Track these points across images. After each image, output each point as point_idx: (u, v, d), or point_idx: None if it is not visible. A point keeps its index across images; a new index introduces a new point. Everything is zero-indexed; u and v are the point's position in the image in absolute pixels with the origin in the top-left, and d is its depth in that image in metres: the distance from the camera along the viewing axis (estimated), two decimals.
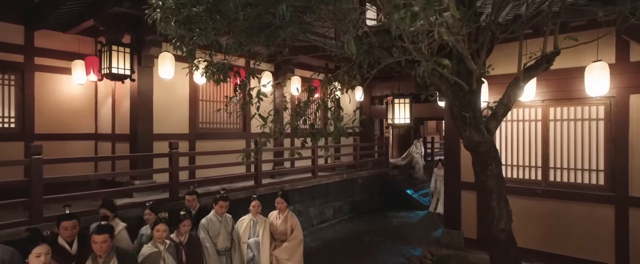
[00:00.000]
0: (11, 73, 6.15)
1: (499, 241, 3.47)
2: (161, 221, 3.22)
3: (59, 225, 2.94)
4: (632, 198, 4.70)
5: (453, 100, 3.60)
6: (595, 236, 4.95)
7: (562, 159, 5.28)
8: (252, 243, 3.91)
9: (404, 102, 7.38)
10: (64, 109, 6.62)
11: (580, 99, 5.09)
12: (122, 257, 2.84)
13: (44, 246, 2.41)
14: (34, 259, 2.37)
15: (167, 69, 5.87)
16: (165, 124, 6.44)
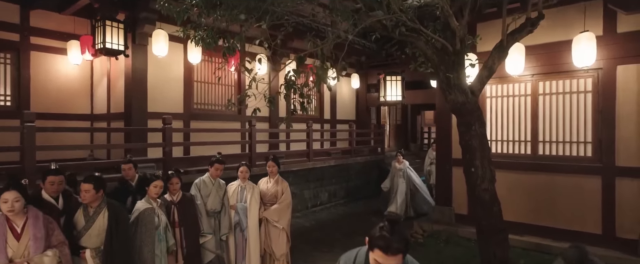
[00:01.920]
0: (7, 52, 6.21)
1: (483, 200, 3.53)
2: (158, 178, 3.28)
3: (45, 180, 2.94)
4: (619, 167, 4.75)
5: (438, 64, 3.66)
6: (583, 207, 5.00)
7: (551, 133, 5.33)
8: (240, 207, 3.98)
9: (396, 79, 7.44)
10: (60, 89, 6.68)
11: (569, 72, 5.14)
12: (113, 209, 2.89)
13: (13, 193, 2.36)
14: (2, 205, 2.33)
15: (161, 46, 5.93)
16: (159, 103, 6.49)
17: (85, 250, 2.75)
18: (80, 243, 2.77)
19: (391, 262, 1.42)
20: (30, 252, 2.39)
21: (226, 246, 3.94)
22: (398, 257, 1.42)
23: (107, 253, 2.77)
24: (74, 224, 2.80)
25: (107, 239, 2.79)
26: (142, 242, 3.06)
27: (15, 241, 2.37)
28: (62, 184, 2.96)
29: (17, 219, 2.41)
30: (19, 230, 2.40)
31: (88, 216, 2.81)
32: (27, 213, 2.46)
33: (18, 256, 2.37)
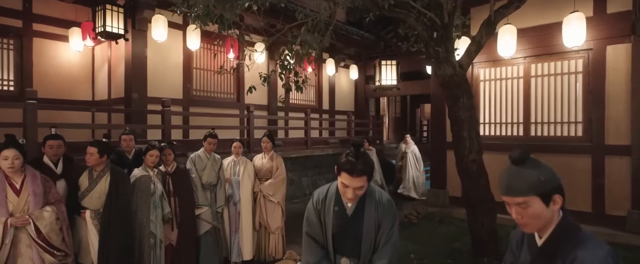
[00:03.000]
0: (10, 38, 6.33)
1: (470, 171, 3.62)
2: (154, 148, 3.39)
3: (45, 144, 3.05)
4: (608, 146, 4.84)
5: (428, 40, 3.76)
6: (573, 185, 5.07)
7: (543, 114, 5.42)
8: (233, 181, 4.09)
9: (391, 64, 7.53)
10: (61, 75, 6.80)
11: (560, 54, 5.22)
12: (115, 174, 3.01)
13: (13, 151, 2.43)
14: (2, 162, 2.43)
15: (160, 31, 6.04)
16: (159, 88, 6.60)
17: (86, 211, 2.86)
18: (82, 203, 2.89)
19: (356, 183, 1.53)
20: (30, 207, 2.51)
21: (221, 219, 4.05)
22: (362, 179, 1.52)
23: (105, 215, 2.88)
24: (78, 186, 2.92)
25: (107, 202, 2.90)
26: (137, 206, 3.17)
27: (16, 196, 2.49)
28: (61, 147, 3.07)
29: (16, 176, 2.53)
30: (18, 186, 2.51)
31: (92, 179, 2.93)
32: (25, 171, 2.57)
33: (18, 210, 2.48)
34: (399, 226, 1.67)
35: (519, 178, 1.15)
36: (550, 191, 1.14)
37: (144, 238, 3.19)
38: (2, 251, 2.36)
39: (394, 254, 1.60)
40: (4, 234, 2.36)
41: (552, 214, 1.15)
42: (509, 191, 1.17)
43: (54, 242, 2.57)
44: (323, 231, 1.66)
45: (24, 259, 2.47)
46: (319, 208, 1.68)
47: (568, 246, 1.11)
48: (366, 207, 1.62)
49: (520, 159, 1.17)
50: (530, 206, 1.13)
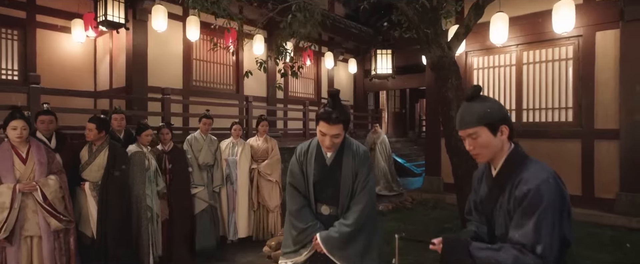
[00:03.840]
0: (14, 28, 6.49)
1: (458, 150, 3.73)
2: (149, 127, 3.53)
3: (37, 119, 3.17)
4: (597, 130, 4.94)
5: (419, 23, 3.87)
6: (564, 170, 5.14)
7: (535, 100, 5.52)
8: (230, 161, 4.24)
9: (386, 53, 7.65)
10: (64, 66, 6.95)
11: (552, 41, 5.33)
12: (113, 149, 3.15)
13: (21, 121, 2.58)
14: (10, 132, 2.59)
15: (160, 21, 6.17)
16: (159, 78, 6.74)
17: (85, 182, 3.00)
18: (82, 175, 3.03)
19: (333, 131, 1.65)
20: (36, 175, 2.65)
21: (218, 198, 4.18)
22: (338, 127, 1.65)
23: (103, 187, 3.02)
24: (79, 159, 3.06)
25: (105, 175, 3.04)
26: (133, 180, 3.30)
27: (22, 164, 2.63)
28: (52, 123, 3.19)
29: (22, 146, 2.67)
30: (24, 155, 2.65)
31: (91, 153, 3.07)
32: (29, 142, 2.71)
33: (25, 178, 2.63)
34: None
35: (469, 112, 1.27)
36: (497, 122, 1.25)
37: (141, 211, 3.33)
38: (11, 215, 2.50)
39: (369, 200, 1.73)
40: (13, 199, 2.50)
41: (502, 144, 1.27)
42: (461, 125, 1.29)
43: (58, 208, 2.71)
44: (305, 181, 1.79)
45: (30, 223, 2.61)
46: (301, 159, 1.81)
47: (516, 171, 1.23)
48: (344, 157, 1.75)
49: (471, 95, 1.29)
50: (480, 136, 1.25)
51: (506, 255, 1.13)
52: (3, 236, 2.48)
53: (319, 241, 1.69)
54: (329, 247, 1.68)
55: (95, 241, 2.99)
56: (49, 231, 2.69)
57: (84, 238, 3.00)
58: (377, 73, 7.76)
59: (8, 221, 2.48)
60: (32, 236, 2.64)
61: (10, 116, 2.61)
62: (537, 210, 1.12)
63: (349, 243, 1.68)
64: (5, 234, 2.48)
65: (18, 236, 2.58)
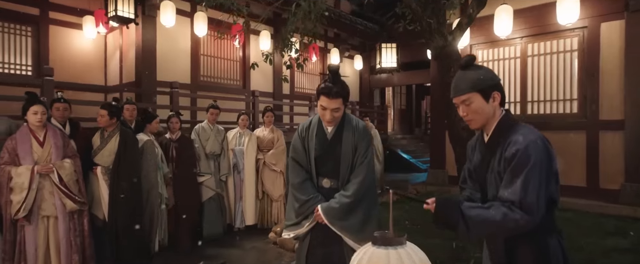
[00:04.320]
0: (28, 25, 6.67)
1: (461, 137, 3.78)
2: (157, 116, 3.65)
3: (52, 106, 3.29)
4: (602, 121, 4.94)
5: (422, 14, 3.92)
6: (568, 161, 5.19)
7: (539, 93, 5.53)
8: (237, 150, 4.33)
9: (391, 47, 7.70)
10: (75, 62, 7.12)
11: (556, 33, 5.33)
12: (124, 135, 3.27)
13: (40, 106, 2.75)
14: (31, 116, 2.72)
15: (169, 17, 6.31)
16: (168, 73, 6.88)
17: (97, 167, 3.12)
18: (94, 160, 3.15)
19: (333, 105, 1.73)
20: (52, 158, 2.77)
21: (225, 186, 4.28)
22: (338, 101, 1.73)
23: (115, 171, 3.14)
24: (91, 144, 3.18)
25: (116, 160, 3.16)
26: (148, 168, 3.42)
27: (40, 147, 2.75)
28: (66, 110, 3.31)
29: (39, 130, 2.79)
30: (41, 139, 2.78)
31: (103, 139, 3.19)
32: (46, 127, 2.84)
33: (42, 160, 2.75)
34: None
35: (462, 80, 1.33)
36: (489, 88, 1.31)
37: (154, 198, 3.44)
38: (29, 195, 2.62)
39: (368, 172, 1.80)
40: (31, 180, 2.63)
41: (493, 110, 1.33)
42: (455, 92, 1.35)
43: (72, 190, 2.82)
44: (307, 156, 1.87)
45: (47, 204, 2.73)
46: (303, 135, 1.89)
47: (506, 135, 1.29)
48: (344, 132, 1.83)
49: (465, 64, 1.35)
50: (473, 102, 1.31)
51: (495, 212, 1.19)
52: (22, 214, 2.60)
53: (320, 212, 1.77)
54: (330, 217, 1.76)
55: (107, 223, 3.11)
56: (64, 211, 2.81)
57: (96, 220, 3.12)
58: (382, 67, 7.80)
59: (27, 200, 2.60)
60: (48, 216, 2.76)
61: (30, 101, 2.74)
62: (525, 169, 1.18)
63: (349, 213, 1.75)
64: (25, 213, 2.60)
65: (36, 216, 2.70)
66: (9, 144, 2.66)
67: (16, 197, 2.58)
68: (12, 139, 2.70)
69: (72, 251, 2.87)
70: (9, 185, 2.58)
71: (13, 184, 2.58)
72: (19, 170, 2.62)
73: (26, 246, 2.66)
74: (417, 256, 1.06)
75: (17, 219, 2.61)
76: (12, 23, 6.43)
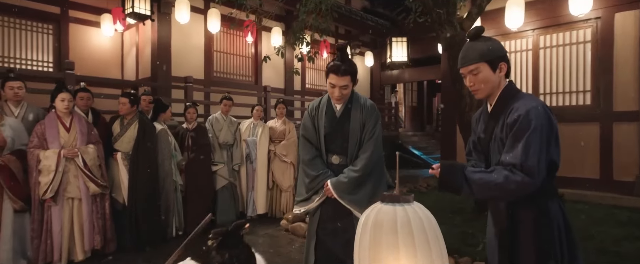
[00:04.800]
0: (49, 23, 6.93)
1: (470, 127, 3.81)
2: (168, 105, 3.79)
3: (76, 95, 3.45)
4: (616, 112, 4.88)
5: (432, 6, 3.97)
6: (581, 153, 5.15)
7: (552, 84, 5.49)
8: (250, 141, 4.44)
9: (401, 40, 7.72)
10: (94, 59, 7.36)
11: (569, 24, 5.29)
12: (142, 122, 3.42)
13: (67, 94, 2.96)
14: (59, 103, 2.93)
15: (183, 13, 6.48)
16: (182, 68, 7.05)
17: (118, 153, 3.27)
18: (114, 146, 3.29)
19: (341, 82, 1.81)
20: (77, 143, 2.93)
21: (238, 176, 4.39)
22: (346, 78, 1.80)
23: (134, 157, 3.28)
24: (111, 131, 3.34)
25: (135, 146, 3.30)
26: (162, 156, 3.55)
27: (66, 133, 2.91)
28: (90, 100, 3.47)
29: (66, 117, 2.95)
30: (67, 125, 2.93)
31: (123, 126, 3.34)
32: (72, 114, 2.99)
33: (68, 145, 2.91)
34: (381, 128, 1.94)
35: (472, 50, 1.38)
36: (497, 59, 1.36)
37: (169, 185, 3.58)
38: (56, 177, 2.77)
39: (376, 148, 1.87)
40: (57, 163, 2.79)
41: (499, 80, 1.38)
42: (463, 62, 1.40)
43: (95, 174, 2.97)
44: (316, 134, 1.95)
45: (72, 186, 2.88)
46: (313, 114, 1.97)
47: (509, 103, 1.34)
48: (352, 110, 1.90)
49: (474, 34, 1.40)
50: (481, 71, 1.36)
51: (497, 175, 1.25)
52: (49, 195, 2.75)
53: (329, 187, 1.85)
54: (339, 191, 1.83)
55: (126, 207, 3.25)
56: (88, 194, 2.96)
57: (116, 203, 3.27)
58: (393, 61, 7.83)
59: (54, 182, 2.76)
60: (73, 198, 2.92)
61: (59, 89, 2.91)
62: (526, 133, 1.23)
63: (358, 187, 1.83)
64: (51, 194, 2.76)
65: (62, 197, 2.85)
66: (38, 129, 2.82)
67: (44, 178, 2.73)
68: (41, 124, 2.86)
69: (94, 232, 3.03)
70: (37, 167, 2.74)
71: (41, 167, 2.74)
72: (46, 153, 2.78)
73: (52, 225, 2.81)
74: (423, 213, 1.13)
75: (44, 200, 2.77)
76: (34, 21, 6.69)
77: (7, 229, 2.65)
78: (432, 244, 1.07)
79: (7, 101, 2.94)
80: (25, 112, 2.99)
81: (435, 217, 1.56)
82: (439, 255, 1.08)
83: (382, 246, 1.08)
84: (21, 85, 2.95)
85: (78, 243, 2.95)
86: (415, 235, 1.06)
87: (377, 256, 1.08)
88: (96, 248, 3.05)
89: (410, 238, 1.06)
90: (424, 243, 1.06)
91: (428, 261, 1.05)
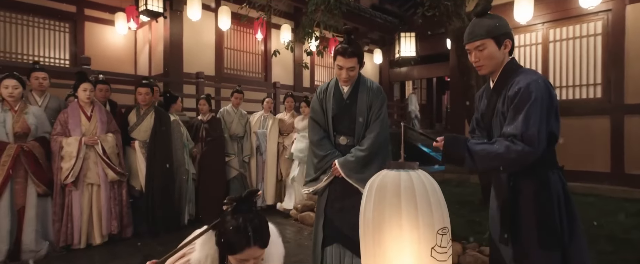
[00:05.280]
0: (65, 21, 7.14)
1: None
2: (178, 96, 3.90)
3: (95, 87, 3.58)
4: (627, 105, 4.85)
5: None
6: (592, 147, 5.12)
7: (562, 78, 5.47)
8: (260, 133, 4.54)
9: (410, 36, 7.75)
10: (108, 56, 7.56)
11: (579, 17, 5.26)
12: (158, 112, 3.55)
13: (89, 84, 3.12)
14: (81, 93, 3.08)
15: (195, 11, 6.61)
16: (193, 65, 7.19)
17: (135, 141, 3.39)
18: (131, 135, 3.42)
19: (348, 64, 1.88)
20: (98, 131, 3.07)
21: (248, 167, 4.49)
22: (353, 60, 1.88)
23: (151, 145, 3.40)
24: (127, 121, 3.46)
25: (152, 135, 3.43)
26: (175, 146, 3.67)
27: (87, 121, 3.05)
28: (108, 91, 3.63)
29: (87, 106, 3.09)
30: (89, 114, 3.07)
31: (139, 115, 3.47)
32: (93, 103, 3.12)
33: (88, 133, 3.05)
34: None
35: (478, 26, 1.43)
36: (502, 36, 1.41)
37: (182, 174, 3.69)
38: (77, 163, 2.91)
39: (382, 128, 1.94)
40: (79, 149, 2.92)
41: (503, 57, 1.43)
42: (470, 38, 1.45)
43: (113, 162, 3.09)
44: (325, 115, 2.03)
45: (92, 172, 3.01)
46: (322, 97, 2.05)
47: (510, 78, 1.39)
48: (359, 92, 1.97)
49: (482, 12, 1.45)
50: (486, 47, 1.41)
51: (499, 146, 1.30)
52: (70, 180, 2.88)
53: (337, 166, 1.92)
54: (346, 170, 1.90)
55: (144, 193, 3.37)
56: (106, 180, 3.09)
57: (134, 190, 3.39)
58: (402, 56, 7.87)
59: (74, 167, 2.89)
60: (92, 183, 3.04)
61: (81, 79, 3.05)
62: (526, 105, 1.28)
63: (365, 166, 1.89)
64: (72, 178, 2.89)
65: (82, 183, 2.98)
66: (61, 117, 2.97)
67: (66, 164, 2.87)
68: (64, 112, 3.00)
69: (111, 217, 3.15)
70: (60, 153, 2.88)
71: (63, 153, 2.88)
72: (68, 140, 2.92)
73: (73, 209, 2.94)
74: (427, 179, 1.19)
75: (66, 185, 2.90)
76: (51, 20, 6.90)
77: (31, 212, 2.78)
78: (434, 207, 1.13)
79: (31, 91, 3.08)
80: (48, 102, 3.14)
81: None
82: (441, 219, 1.14)
83: (385, 209, 1.15)
84: (46, 76, 3.10)
85: (96, 228, 3.07)
86: (417, 199, 1.13)
87: (380, 217, 1.15)
88: (113, 232, 3.17)
89: (412, 201, 1.13)
90: (426, 206, 1.13)
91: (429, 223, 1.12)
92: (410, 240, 1.09)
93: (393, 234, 1.11)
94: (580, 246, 1.31)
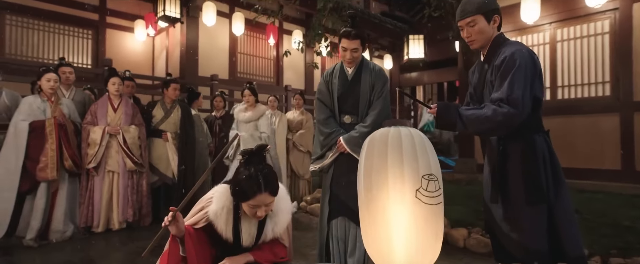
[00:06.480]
0: (88, 29, 7.54)
1: None
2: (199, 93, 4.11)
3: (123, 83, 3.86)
4: (637, 102, 4.85)
5: None
6: (601, 145, 5.11)
7: (570, 77, 5.50)
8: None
9: (418, 38, 7.87)
10: (128, 61, 7.90)
11: (586, 16, 5.31)
12: (183, 107, 3.78)
13: (118, 78, 3.38)
14: (110, 86, 3.34)
15: (210, 16, 6.92)
16: (208, 69, 7.47)
17: (167, 132, 3.62)
18: (161, 127, 3.67)
19: (352, 45, 2.03)
20: (122, 123, 3.29)
21: None
22: (356, 42, 2.02)
23: (182, 135, 3.67)
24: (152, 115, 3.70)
25: (181, 126, 3.67)
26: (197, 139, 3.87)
27: (113, 112, 3.28)
28: (133, 88, 3.88)
29: (115, 99, 3.34)
30: (115, 106, 3.30)
31: (166, 109, 3.72)
32: (121, 97, 3.36)
33: (113, 123, 3.28)
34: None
35: (469, 3, 1.56)
36: (491, 12, 1.53)
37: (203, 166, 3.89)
38: (99, 150, 3.12)
39: (384, 106, 2.07)
40: (102, 137, 3.15)
41: (493, 32, 1.56)
42: (462, 15, 1.58)
43: (134, 152, 3.30)
44: (330, 96, 2.17)
45: (113, 160, 3.22)
46: (328, 79, 2.19)
47: (498, 49, 1.51)
48: (363, 73, 2.12)
49: None
50: (477, 23, 1.54)
51: (487, 109, 1.41)
52: (92, 165, 3.09)
53: (342, 142, 2.05)
54: (351, 145, 2.02)
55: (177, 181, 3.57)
56: (125, 169, 3.28)
57: (167, 179, 3.60)
58: (410, 58, 8.00)
59: (97, 154, 3.10)
60: (113, 171, 3.24)
61: (111, 73, 3.30)
62: (511, 71, 1.39)
63: None
64: (94, 164, 3.10)
65: (103, 169, 3.19)
66: (93, 108, 3.23)
67: (90, 150, 3.08)
68: (96, 104, 3.28)
69: (127, 205, 3.33)
70: (87, 140, 3.11)
71: (90, 140, 3.11)
72: (95, 128, 3.16)
73: (94, 193, 3.14)
74: (415, 132, 1.32)
75: (89, 169, 3.10)
76: (75, 27, 7.30)
77: (62, 194, 3.00)
78: (420, 155, 1.25)
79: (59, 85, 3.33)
80: (74, 95, 3.38)
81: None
82: (427, 166, 1.26)
83: (374, 157, 1.28)
84: (72, 70, 3.35)
85: (115, 214, 3.26)
86: (403, 147, 1.26)
87: (369, 164, 1.28)
88: (128, 220, 3.34)
89: (398, 149, 1.26)
90: (412, 154, 1.25)
91: (414, 167, 1.24)
92: (394, 182, 1.22)
93: (380, 179, 1.23)
94: (566, 205, 1.40)
